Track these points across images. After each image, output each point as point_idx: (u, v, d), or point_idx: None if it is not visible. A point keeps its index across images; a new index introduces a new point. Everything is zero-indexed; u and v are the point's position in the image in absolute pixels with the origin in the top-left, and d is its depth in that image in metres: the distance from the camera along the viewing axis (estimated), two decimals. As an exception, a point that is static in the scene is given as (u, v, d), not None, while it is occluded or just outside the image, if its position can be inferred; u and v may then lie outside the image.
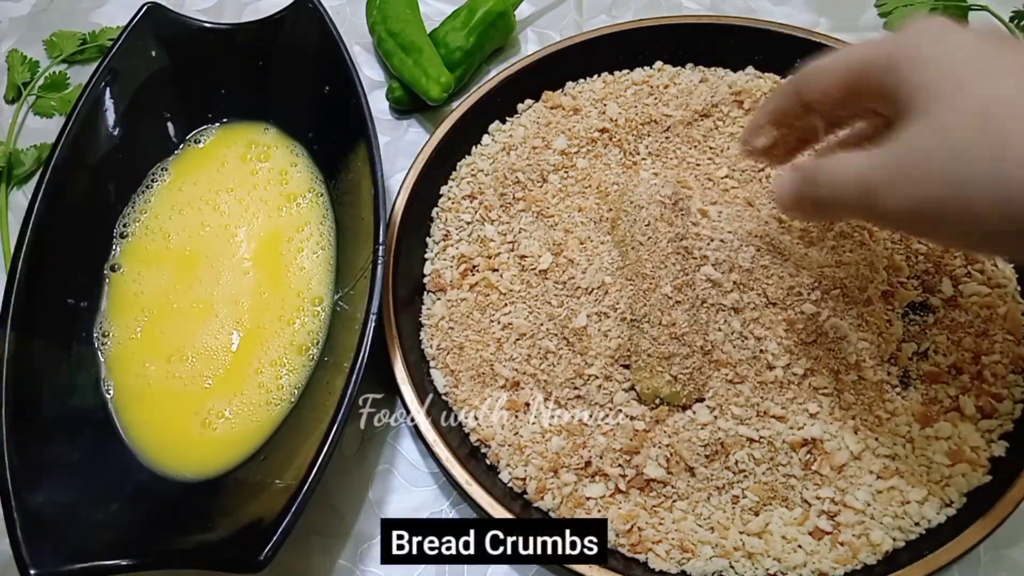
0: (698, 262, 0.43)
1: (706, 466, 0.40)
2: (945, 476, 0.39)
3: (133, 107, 0.52)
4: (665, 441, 0.41)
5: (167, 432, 0.44)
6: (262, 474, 0.41)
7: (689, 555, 0.39)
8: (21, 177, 0.58)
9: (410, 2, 0.59)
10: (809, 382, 0.42)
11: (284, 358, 0.46)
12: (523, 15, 0.62)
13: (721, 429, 0.40)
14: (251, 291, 0.48)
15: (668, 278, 0.42)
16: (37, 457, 0.40)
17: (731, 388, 0.42)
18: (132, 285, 0.49)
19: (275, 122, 0.54)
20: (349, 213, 0.49)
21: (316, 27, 0.51)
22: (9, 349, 0.41)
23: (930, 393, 0.42)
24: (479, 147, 0.53)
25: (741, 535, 0.39)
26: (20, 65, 0.62)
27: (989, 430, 0.41)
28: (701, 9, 0.63)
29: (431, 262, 0.50)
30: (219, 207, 0.51)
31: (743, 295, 0.43)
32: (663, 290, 0.42)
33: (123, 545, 0.38)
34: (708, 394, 0.42)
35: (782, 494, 0.40)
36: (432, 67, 0.55)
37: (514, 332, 0.45)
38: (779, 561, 0.38)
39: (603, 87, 0.54)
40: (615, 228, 0.46)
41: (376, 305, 0.42)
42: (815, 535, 0.39)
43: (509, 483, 0.42)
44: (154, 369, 0.46)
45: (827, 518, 0.39)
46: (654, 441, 0.41)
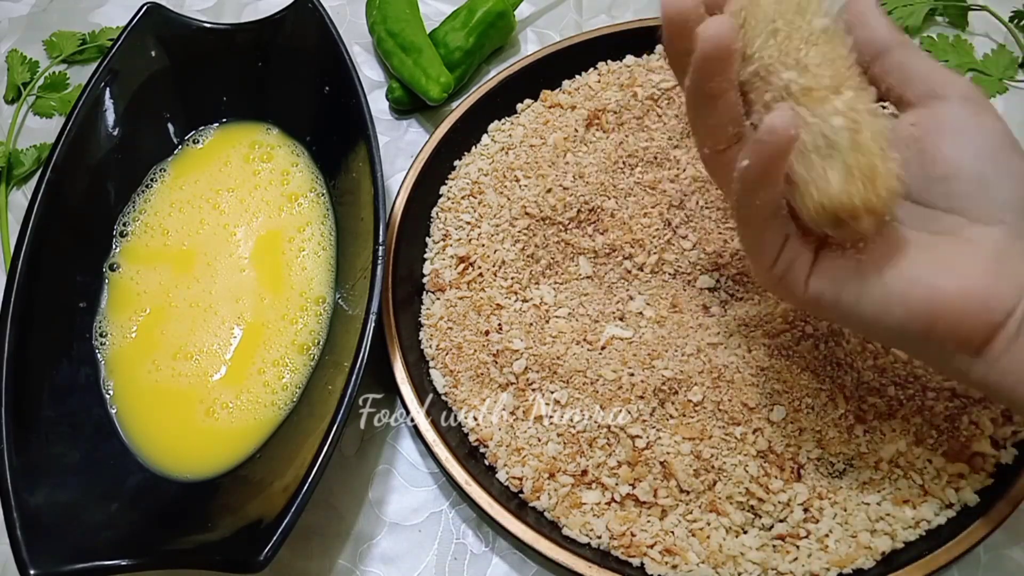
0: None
1: (696, 481, 0.40)
2: (946, 478, 0.39)
3: (133, 107, 0.52)
4: (660, 459, 0.40)
5: (168, 430, 0.44)
6: (262, 474, 0.41)
7: (680, 560, 0.39)
8: (21, 177, 0.58)
9: (410, 2, 0.59)
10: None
11: (286, 358, 0.46)
12: (523, 15, 0.62)
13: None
14: (252, 290, 0.48)
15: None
16: (37, 457, 0.40)
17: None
18: (132, 284, 0.49)
19: (275, 122, 0.54)
20: (349, 213, 0.49)
21: (316, 27, 0.51)
22: (9, 349, 0.41)
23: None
24: (478, 147, 0.53)
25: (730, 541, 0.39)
26: (20, 65, 0.62)
27: (1004, 437, 0.40)
28: (701, 9, 0.62)
29: (430, 262, 0.50)
30: (219, 207, 0.51)
31: None
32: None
33: (123, 545, 0.38)
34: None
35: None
36: (432, 67, 0.55)
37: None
38: (775, 570, 0.38)
39: (598, 79, 0.54)
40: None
41: (376, 305, 0.42)
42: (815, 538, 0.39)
43: (506, 483, 0.42)
44: (155, 368, 0.46)
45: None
46: (649, 461, 0.40)
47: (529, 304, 0.46)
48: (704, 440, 0.40)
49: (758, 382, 0.41)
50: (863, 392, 0.41)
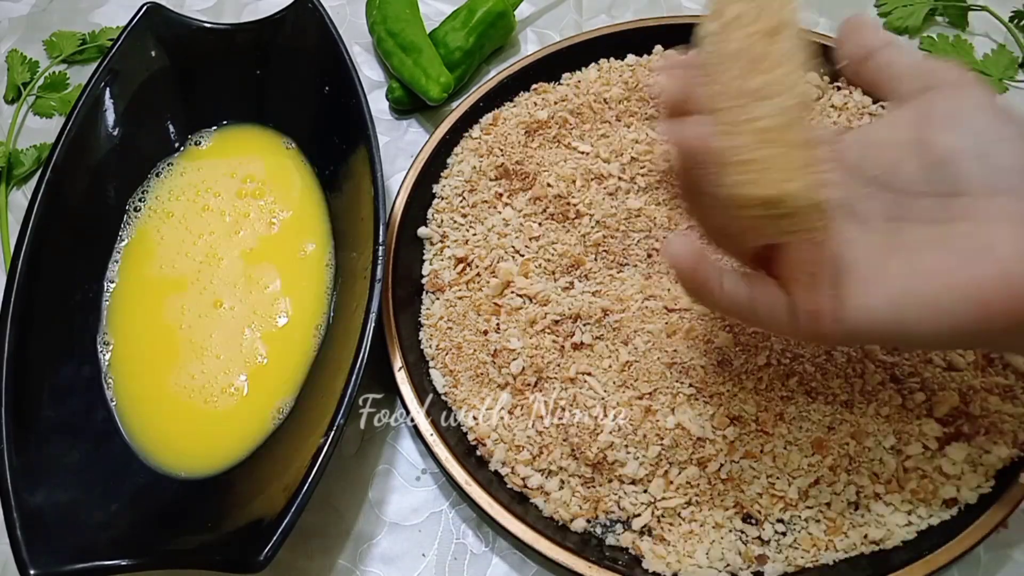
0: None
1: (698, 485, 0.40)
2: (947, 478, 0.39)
3: (133, 107, 0.52)
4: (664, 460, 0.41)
5: (168, 429, 0.44)
6: (262, 474, 0.41)
7: (686, 556, 0.39)
8: (21, 177, 0.58)
9: (410, 2, 0.59)
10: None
11: (286, 357, 0.46)
12: (523, 15, 0.62)
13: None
14: (252, 290, 0.48)
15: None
16: (37, 457, 0.40)
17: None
18: (132, 284, 0.49)
19: (275, 122, 0.54)
20: (349, 213, 0.49)
21: (316, 27, 0.51)
22: (9, 349, 0.41)
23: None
24: (471, 141, 0.53)
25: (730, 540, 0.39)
26: (20, 65, 0.62)
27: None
28: (701, 9, 0.62)
29: (429, 262, 0.49)
30: (220, 207, 0.51)
31: None
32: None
33: (123, 545, 0.38)
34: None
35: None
36: (432, 67, 0.55)
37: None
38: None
39: (597, 76, 0.54)
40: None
41: (376, 305, 0.42)
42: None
43: (507, 483, 0.42)
44: (156, 367, 0.46)
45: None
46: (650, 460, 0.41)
47: (527, 303, 0.46)
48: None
49: (766, 379, 0.41)
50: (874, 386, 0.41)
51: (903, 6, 0.59)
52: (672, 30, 0.54)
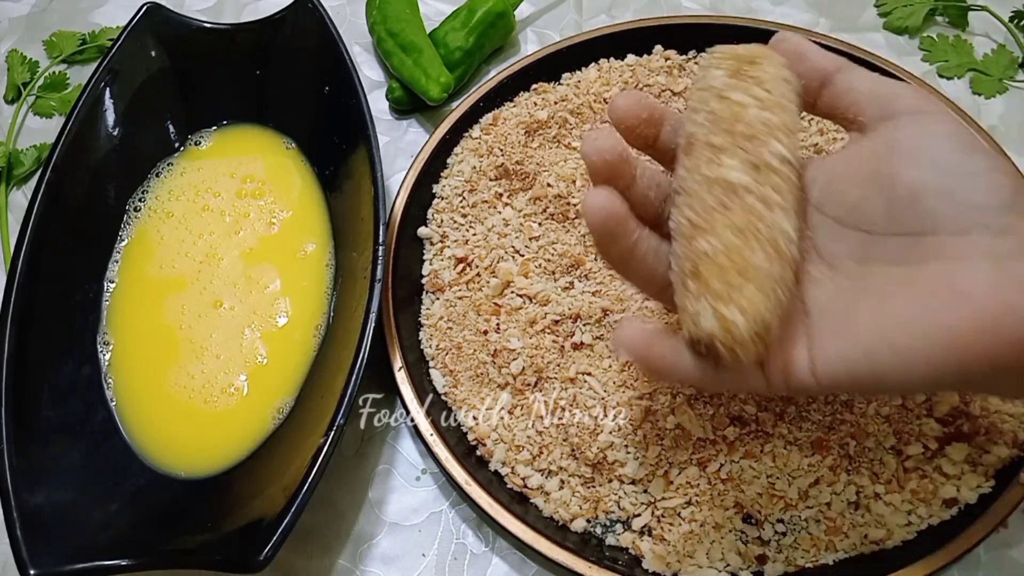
0: None
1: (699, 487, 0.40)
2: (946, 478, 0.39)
3: (133, 107, 0.52)
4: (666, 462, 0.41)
5: (169, 429, 0.44)
6: (262, 474, 0.41)
7: (686, 556, 0.39)
8: (21, 177, 0.58)
9: (410, 2, 0.59)
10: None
11: (287, 357, 0.46)
12: (523, 15, 0.62)
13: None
14: (252, 289, 0.48)
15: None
16: (37, 457, 0.40)
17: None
18: (132, 284, 0.49)
19: (275, 122, 0.54)
20: (349, 213, 0.49)
21: (316, 27, 0.51)
22: (9, 349, 0.41)
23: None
24: (471, 141, 0.53)
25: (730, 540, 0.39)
26: (20, 65, 0.62)
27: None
28: (701, 9, 0.62)
29: (429, 262, 0.49)
30: (220, 207, 0.51)
31: None
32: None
33: (123, 545, 0.38)
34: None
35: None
36: (432, 67, 0.55)
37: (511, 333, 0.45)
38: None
39: (597, 76, 0.54)
40: None
41: (376, 305, 0.42)
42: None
43: (507, 483, 0.42)
44: (156, 367, 0.46)
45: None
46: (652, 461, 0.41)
47: (527, 303, 0.46)
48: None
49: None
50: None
51: (903, 6, 0.59)
52: (672, 30, 0.55)
